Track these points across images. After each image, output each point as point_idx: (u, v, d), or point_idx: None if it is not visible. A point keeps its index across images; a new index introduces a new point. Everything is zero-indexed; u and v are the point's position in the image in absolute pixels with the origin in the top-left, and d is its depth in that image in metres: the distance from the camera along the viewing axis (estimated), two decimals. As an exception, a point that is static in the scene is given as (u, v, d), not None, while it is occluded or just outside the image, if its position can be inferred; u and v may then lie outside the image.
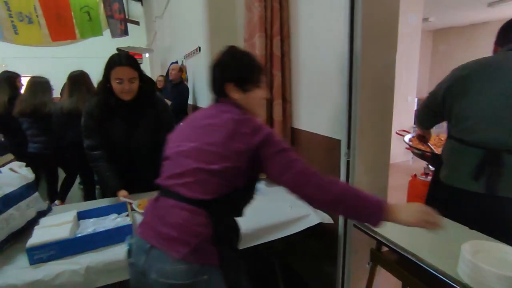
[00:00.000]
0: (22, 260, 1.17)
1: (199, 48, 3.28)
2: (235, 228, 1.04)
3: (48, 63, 7.68)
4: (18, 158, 3.03)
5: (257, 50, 1.79)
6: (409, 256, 1.04)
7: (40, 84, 2.72)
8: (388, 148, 1.59)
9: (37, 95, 2.66)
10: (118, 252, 1.24)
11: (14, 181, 1.34)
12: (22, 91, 2.91)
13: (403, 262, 1.10)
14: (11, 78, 2.96)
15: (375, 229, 1.21)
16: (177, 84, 3.90)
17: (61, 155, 2.89)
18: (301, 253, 2.05)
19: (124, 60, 1.53)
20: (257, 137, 0.90)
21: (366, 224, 1.11)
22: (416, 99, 5.40)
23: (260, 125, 0.94)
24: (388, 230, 1.21)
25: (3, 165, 1.47)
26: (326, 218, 1.54)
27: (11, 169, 1.39)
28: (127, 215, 1.47)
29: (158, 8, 6.22)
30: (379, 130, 1.53)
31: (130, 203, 1.54)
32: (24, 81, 3.00)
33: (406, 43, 4.82)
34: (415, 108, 5.35)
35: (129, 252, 0.98)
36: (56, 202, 3.03)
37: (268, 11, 1.76)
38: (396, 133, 2.54)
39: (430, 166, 2.56)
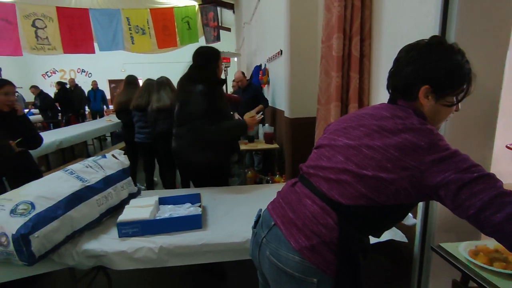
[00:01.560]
0: (114, 233, 1.40)
1: (281, 51, 3.34)
2: (365, 247, 0.86)
3: (149, 67, 9.07)
4: (128, 145, 3.74)
5: (334, 51, 1.72)
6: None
7: (152, 85, 3.28)
8: (487, 166, 1.33)
9: (150, 94, 3.21)
10: (188, 238, 1.36)
11: (114, 166, 1.61)
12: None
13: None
14: (136, 80, 3.71)
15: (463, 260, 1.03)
16: (246, 87, 4.09)
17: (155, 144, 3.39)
18: (369, 268, 1.89)
19: None
20: (433, 156, 0.73)
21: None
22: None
23: (442, 140, 0.75)
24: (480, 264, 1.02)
25: (123, 148, 1.78)
26: (399, 236, 1.38)
27: (113, 155, 1.68)
28: (199, 206, 1.61)
29: (247, 15, 6.58)
30: (476, 144, 1.29)
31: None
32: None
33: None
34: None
35: (256, 222, 1.00)
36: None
37: (348, 10, 1.67)
38: (507, 147, 2.10)
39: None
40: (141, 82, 3.56)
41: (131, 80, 3.65)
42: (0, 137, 1.56)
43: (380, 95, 1.70)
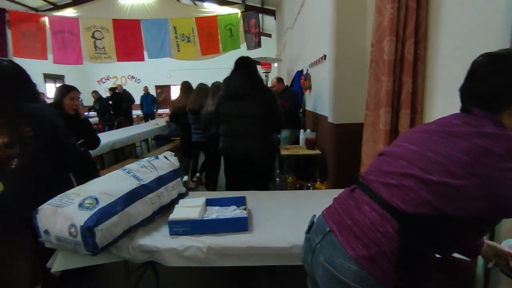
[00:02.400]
0: (165, 230, 1.47)
1: (325, 56, 3.29)
2: (429, 266, 0.80)
3: (192, 73, 9.47)
4: (184, 144, 4.06)
5: (385, 55, 1.66)
6: None
7: (205, 89, 3.48)
8: None
9: (202, 97, 3.40)
10: (234, 240, 1.39)
11: (165, 166, 1.70)
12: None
13: None
14: (191, 86, 4.00)
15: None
16: (282, 92, 4.18)
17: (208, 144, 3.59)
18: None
19: None
20: (511, 164, 0.68)
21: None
22: None
23: None
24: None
25: (169, 149, 1.90)
26: (459, 252, 1.27)
27: (165, 157, 1.77)
28: (245, 209, 1.63)
29: (289, 20, 6.59)
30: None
31: None
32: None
33: None
34: None
35: (309, 227, 0.99)
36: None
37: (401, 12, 1.60)
38: None
39: None
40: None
41: (188, 86, 4.00)
42: (69, 137, 1.73)
43: (436, 100, 1.60)
